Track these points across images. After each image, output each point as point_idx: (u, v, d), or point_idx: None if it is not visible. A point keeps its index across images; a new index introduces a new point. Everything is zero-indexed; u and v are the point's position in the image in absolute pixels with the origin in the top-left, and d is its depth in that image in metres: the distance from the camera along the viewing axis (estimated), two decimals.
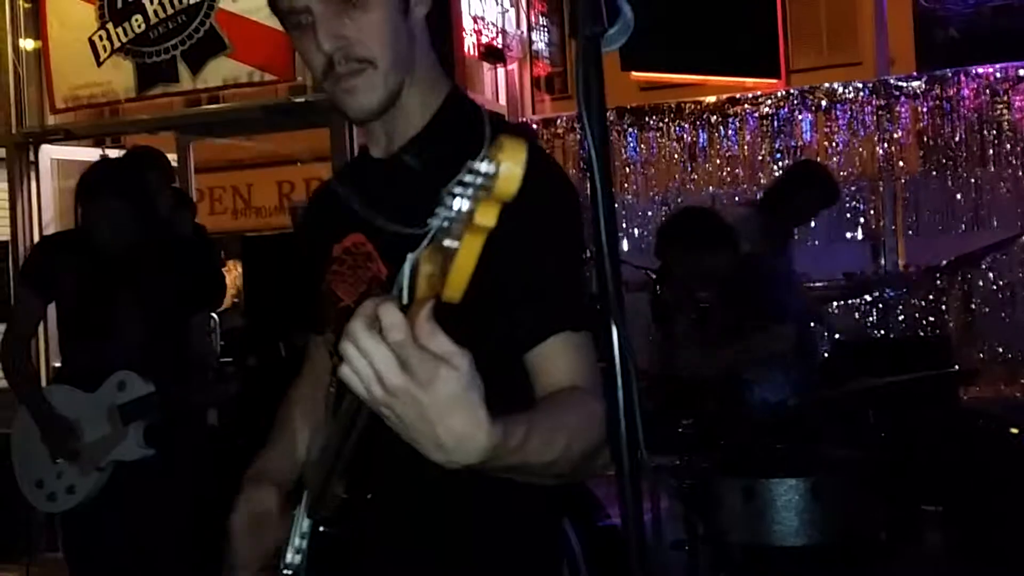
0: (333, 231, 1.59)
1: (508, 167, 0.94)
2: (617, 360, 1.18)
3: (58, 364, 4.50)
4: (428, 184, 1.09)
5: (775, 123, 6.42)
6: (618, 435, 1.18)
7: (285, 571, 1.51)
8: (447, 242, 0.96)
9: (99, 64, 5.95)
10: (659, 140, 6.63)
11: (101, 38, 5.94)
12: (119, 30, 5.88)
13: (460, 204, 0.95)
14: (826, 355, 5.27)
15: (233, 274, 6.58)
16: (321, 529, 1.47)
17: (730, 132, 6.49)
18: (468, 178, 0.95)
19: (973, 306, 6.00)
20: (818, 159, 6.28)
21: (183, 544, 3.65)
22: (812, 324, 4.65)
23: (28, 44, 6.16)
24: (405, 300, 1.01)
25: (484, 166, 0.94)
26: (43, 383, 4.10)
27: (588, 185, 1.20)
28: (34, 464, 3.58)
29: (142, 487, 3.52)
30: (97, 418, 3.53)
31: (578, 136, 6.67)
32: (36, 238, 6.02)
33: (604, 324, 1.17)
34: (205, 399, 3.98)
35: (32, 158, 6.13)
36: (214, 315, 5.14)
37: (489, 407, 1.11)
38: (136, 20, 5.84)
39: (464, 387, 1.04)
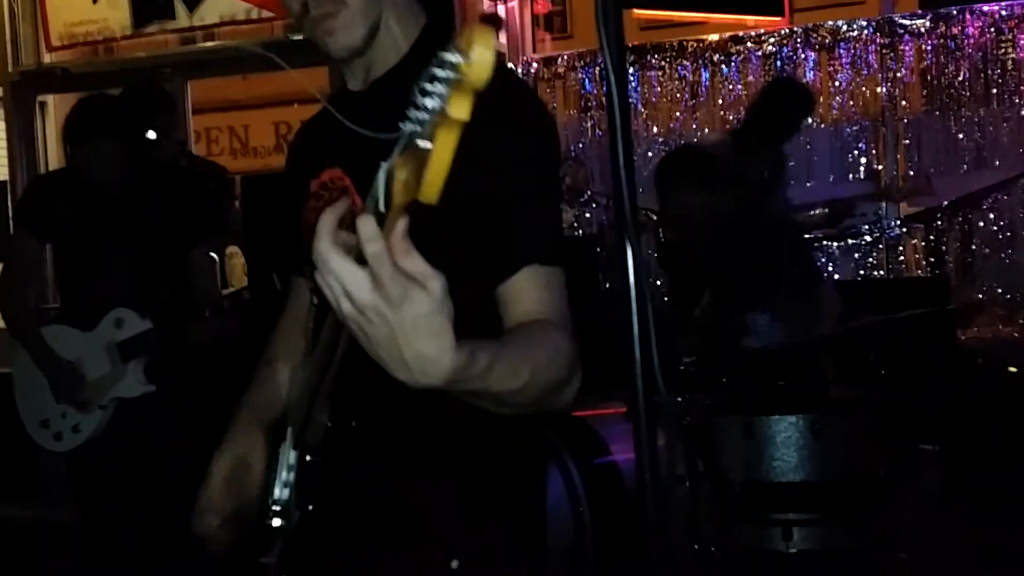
0: (312, 167, 1.61)
1: (479, 52, 0.90)
2: (632, 287, 1.19)
3: (56, 305, 4.50)
4: (403, 114, 1.07)
5: (778, 62, 6.35)
6: (633, 367, 1.20)
7: (274, 507, 1.51)
8: (421, 143, 0.93)
9: (95, 1, 5.88)
10: (660, 79, 6.56)
11: None
12: None
13: (432, 102, 0.92)
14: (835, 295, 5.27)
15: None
16: (308, 459, 1.47)
17: (733, 71, 6.43)
18: (439, 72, 0.91)
19: (973, 246, 6.00)
20: (821, 99, 6.24)
21: (188, 479, 3.68)
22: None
23: None
24: (382, 208, 0.99)
25: (454, 56, 0.90)
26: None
27: (589, 124, 1.19)
28: (38, 404, 3.59)
29: (146, 424, 3.54)
30: (97, 356, 3.54)
31: (579, 76, 6.60)
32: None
33: (620, 251, 1.18)
34: (203, 335, 3.97)
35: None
36: (214, 254, 5.12)
37: (456, 332, 1.10)
38: None
39: (434, 310, 1.03)
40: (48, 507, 4.66)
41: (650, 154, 6.45)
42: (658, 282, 4.86)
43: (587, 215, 6.32)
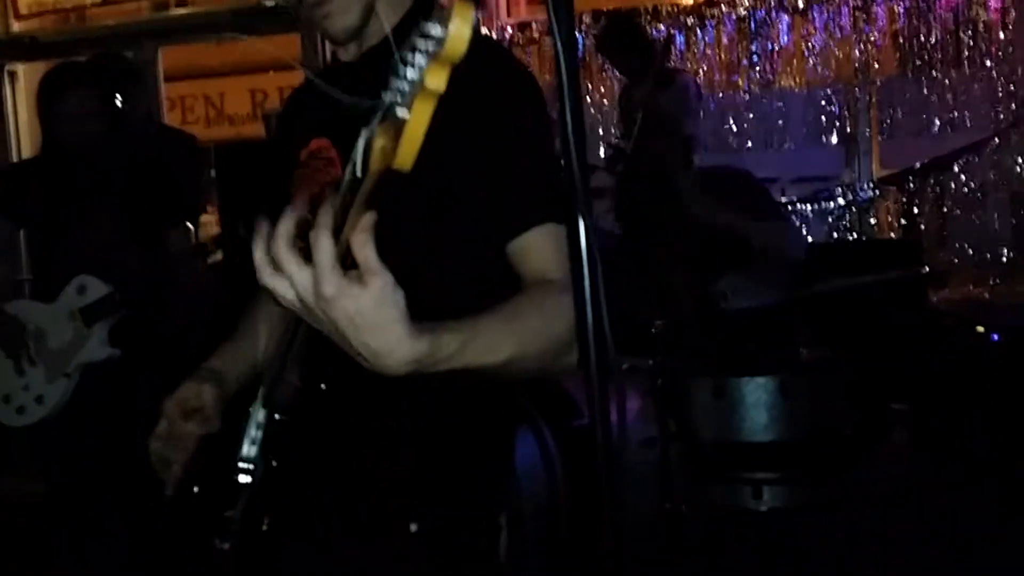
0: (301, 136, 1.61)
1: (456, 25, 0.93)
2: (584, 254, 1.20)
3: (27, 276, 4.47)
4: None
5: (752, 25, 6.35)
6: (585, 331, 1.20)
7: (241, 463, 1.52)
8: (400, 112, 0.95)
9: None
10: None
11: None
12: None
13: (411, 72, 0.95)
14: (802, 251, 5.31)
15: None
16: (276, 417, 1.48)
17: (707, 34, 6.42)
18: (420, 43, 0.95)
19: (945, 209, 6.04)
20: (794, 62, 6.25)
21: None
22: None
23: None
24: (359, 174, 1.02)
25: (434, 30, 0.94)
26: None
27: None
28: None
29: (112, 390, 3.52)
30: (60, 324, 3.50)
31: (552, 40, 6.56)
32: (5, 150, 5.97)
33: (571, 218, 1.18)
34: (176, 296, 3.93)
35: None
36: (189, 224, 5.10)
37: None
38: None
39: (373, 306, 1.04)
40: (15, 482, 4.64)
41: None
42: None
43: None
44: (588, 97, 6.53)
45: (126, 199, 3.60)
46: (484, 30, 6.49)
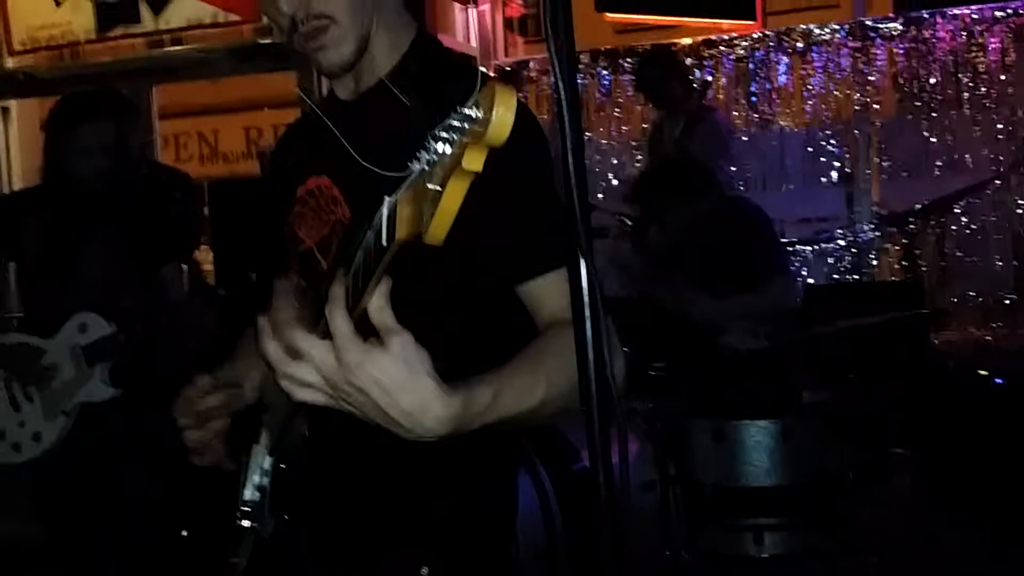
0: (297, 173, 1.60)
1: (501, 114, 0.94)
2: (586, 296, 1.17)
3: (19, 315, 4.42)
4: (395, 126, 1.14)
5: (750, 66, 6.36)
6: (586, 373, 1.17)
7: (243, 507, 1.52)
8: (430, 185, 0.96)
9: (58, 5, 5.83)
10: (634, 83, 6.54)
11: None
12: None
13: (446, 148, 0.96)
14: (798, 299, 5.27)
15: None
16: (283, 467, 1.48)
17: (706, 75, 6.42)
18: (456, 123, 0.96)
19: (946, 250, 6.01)
20: (793, 102, 6.25)
21: (156, 485, 3.62)
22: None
23: None
24: (384, 242, 1.03)
25: (474, 112, 0.95)
26: None
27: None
28: None
29: (112, 430, 3.48)
30: (59, 362, 3.48)
31: (551, 80, 6.57)
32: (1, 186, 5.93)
33: (572, 261, 1.16)
34: (178, 336, 3.90)
35: None
36: (183, 264, 5.06)
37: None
38: None
39: (401, 368, 1.08)
40: (11, 523, 4.56)
41: (623, 157, 6.45)
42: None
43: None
44: (588, 135, 6.53)
45: (124, 235, 3.57)
46: (482, 69, 6.50)
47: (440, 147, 0.96)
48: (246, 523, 1.51)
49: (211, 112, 8.36)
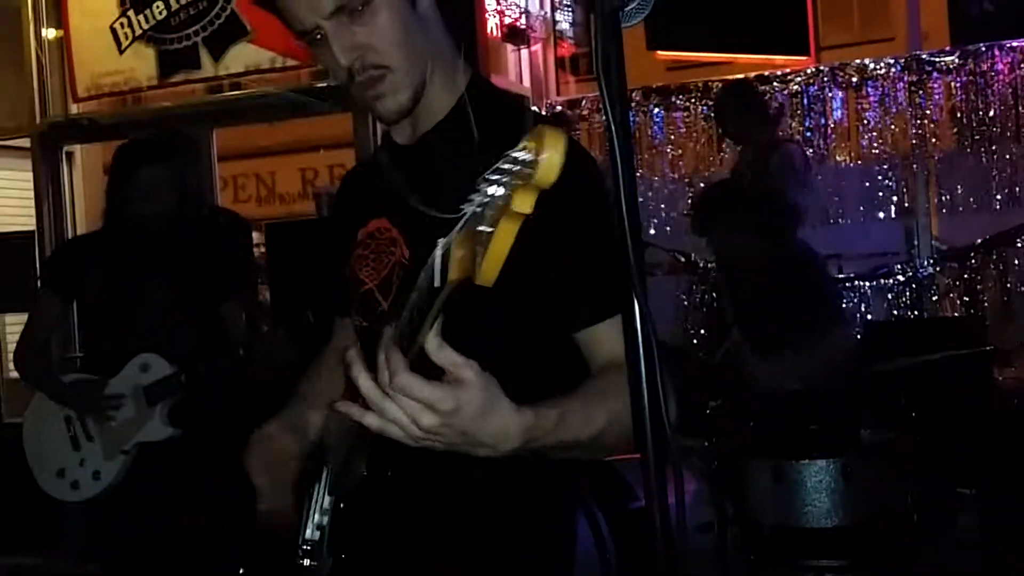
0: (358, 216, 1.63)
1: (549, 156, 0.97)
2: (640, 339, 1.17)
3: (80, 355, 4.49)
4: (453, 169, 1.17)
5: (805, 101, 6.31)
6: (642, 415, 1.16)
7: (304, 547, 1.52)
8: (481, 227, 0.99)
9: (121, 52, 5.96)
10: (686, 120, 6.54)
11: (123, 25, 5.94)
12: (140, 17, 5.88)
13: (496, 190, 0.98)
14: (858, 335, 5.19)
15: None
16: (342, 506, 1.49)
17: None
18: (506, 166, 0.98)
19: (1009, 285, 5.88)
20: (849, 137, 6.19)
21: (214, 525, 3.64)
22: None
23: (50, 33, 6.18)
24: (437, 283, 1.07)
25: (524, 154, 0.97)
26: None
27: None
28: (53, 453, 3.55)
29: (170, 468, 3.51)
30: (121, 401, 3.51)
31: (603, 118, 6.57)
32: (61, 229, 6.05)
33: (626, 302, 1.17)
34: (241, 375, 3.93)
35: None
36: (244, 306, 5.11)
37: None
38: (157, 7, 5.84)
39: (484, 395, 1.16)
40: (66, 560, 4.61)
41: (676, 194, 6.43)
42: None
43: None
44: (640, 172, 6.51)
45: (183, 276, 3.62)
46: (534, 109, 6.53)
47: (492, 190, 0.99)
48: (306, 562, 1.52)
49: (268, 154, 8.50)
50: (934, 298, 5.97)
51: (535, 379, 1.36)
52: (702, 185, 6.25)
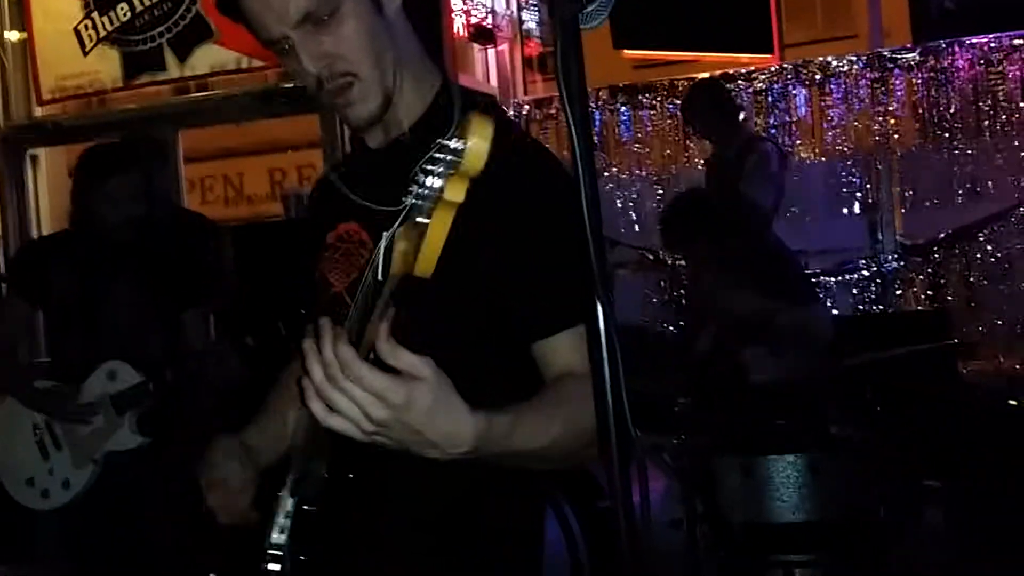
0: (329, 220, 1.63)
1: (475, 143, 0.99)
2: (603, 340, 1.18)
3: (46, 360, 4.45)
4: None
5: (769, 98, 6.36)
6: (606, 414, 1.18)
7: (270, 551, 1.51)
8: (419, 218, 1.01)
9: (85, 54, 5.92)
10: (652, 118, 6.56)
11: (87, 27, 5.89)
12: (104, 19, 5.84)
13: (432, 181, 1.00)
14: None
15: None
16: (304, 508, 1.48)
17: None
18: (439, 155, 1.00)
19: (972, 279, 5.95)
20: (813, 134, 6.25)
21: (183, 532, 3.62)
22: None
23: (13, 35, 6.12)
24: (380, 276, 1.08)
25: (453, 143, 1.00)
26: None
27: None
28: (22, 462, 3.53)
29: (138, 477, 3.49)
30: (90, 409, 3.49)
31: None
32: (27, 233, 6.00)
33: (590, 303, 1.17)
34: (204, 383, 3.92)
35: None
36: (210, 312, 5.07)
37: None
38: (121, 8, 5.80)
39: (437, 395, 1.15)
40: (38, 570, 4.56)
41: (643, 192, 6.46)
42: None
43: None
44: (606, 171, 6.53)
45: (149, 281, 3.59)
46: (503, 108, 6.54)
47: (428, 180, 1.01)
48: (273, 566, 1.51)
49: (235, 155, 8.45)
50: (898, 293, 6.03)
51: (491, 387, 1.36)
52: (670, 185, 6.29)
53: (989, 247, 5.94)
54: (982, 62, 6.00)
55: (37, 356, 5.11)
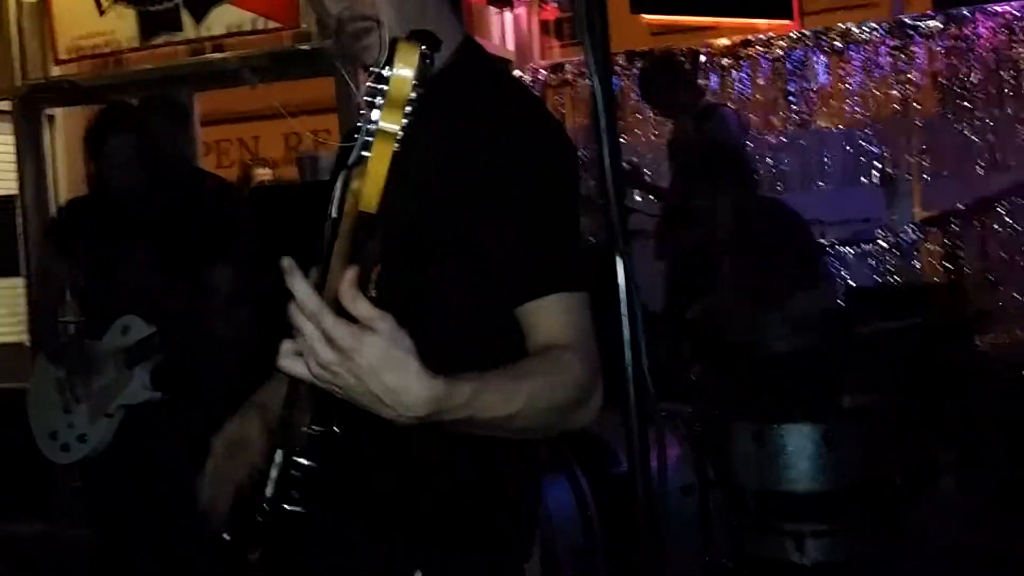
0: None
1: (398, 69, 0.99)
2: (623, 297, 1.17)
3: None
4: (440, 127, 1.15)
5: (788, 65, 6.30)
6: (625, 375, 1.17)
7: (264, 505, 1.49)
8: (365, 152, 1.01)
9: (101, 14, 5.89)
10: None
11: None
12: None
13: (373, 114, 1.01)
14: (840, 301, 5.22)
15: None
16: (291, 460, 1.46)
17: (743, 75, 6.37)
18: (376, 85, 1.00)
19: (989, 251, 5.91)
20: (832, 102, 6.19)
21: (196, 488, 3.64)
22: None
23: None
24: (334, 214, 1.07)
25: (385, 71, 1.00)
26: None
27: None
28: (48, 416, 3.60)
29: (154, 432, 3.51)
30: (104, 364, 3.52)
31: (587, 82, 6.55)
32: (43, 193, 6.00)
33: (609, 261, 1.16)
34: (221, 342, 3.91)
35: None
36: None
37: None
38: None
39: (388, 347, 1.10)
40: (63, 523, 4.62)
41: (660, 159, 6.42)
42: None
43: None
44: (623, 138, 6.49)
45: (164, 240, 3.61)
46: (518, 73, 6.50)
47: (373, 114, 1.00)
48: (260, 518, 1.49)
49: (251, 118, 8.43)
50: (916, 264, 6.00)
51: (468, 350, 1.35)
52: None
53: (1008, 219, 5.89)
54: (1005, 30, 5.92)
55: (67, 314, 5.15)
